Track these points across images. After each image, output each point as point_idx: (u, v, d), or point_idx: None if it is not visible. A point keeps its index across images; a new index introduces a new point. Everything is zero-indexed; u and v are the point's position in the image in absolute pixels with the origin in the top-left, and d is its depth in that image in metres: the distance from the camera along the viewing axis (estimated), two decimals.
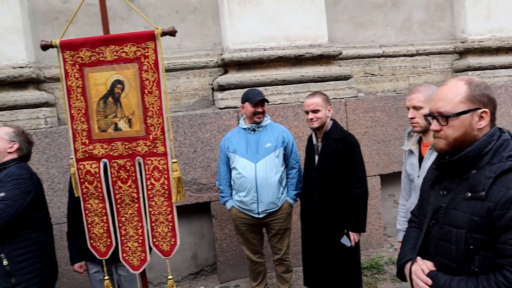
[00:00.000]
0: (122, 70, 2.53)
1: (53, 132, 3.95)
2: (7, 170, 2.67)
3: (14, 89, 4.00)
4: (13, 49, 4.02)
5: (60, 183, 3.96)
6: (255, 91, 3.66)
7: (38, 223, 2.74)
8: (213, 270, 4.78)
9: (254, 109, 3.58)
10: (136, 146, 2.57)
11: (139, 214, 2.66)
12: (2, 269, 2.56)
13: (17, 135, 2.80)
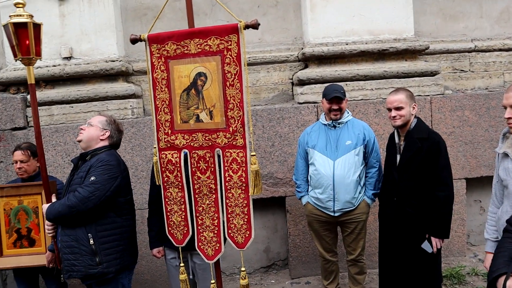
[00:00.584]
0: (205, 62, 2.58)
1: (138, 123, 4.15)
2: (98, 156, 2.83)
3: (106, 81, 4.26)
4: (106, 44, 4.27)
5: (144, 171, 4.15)
6: (333, 87, 3.57)
7: (123, 208, 2.88)
8: (285, 265, 4.77)
9: (329, 106, 3.51)
10: (216, 138, 2.60)
11: (216, 205, 2.71)
12: (88, 248, 2.73)
13: (109, 123, 2.96)
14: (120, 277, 2.87)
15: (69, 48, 4.25)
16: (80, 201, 2.64)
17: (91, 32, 4.28)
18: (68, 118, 4.20)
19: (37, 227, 3.26)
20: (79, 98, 4.17)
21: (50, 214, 2.72)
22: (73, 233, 2.74)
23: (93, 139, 2.90)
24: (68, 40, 4.28)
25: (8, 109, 4.14)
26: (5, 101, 4.15)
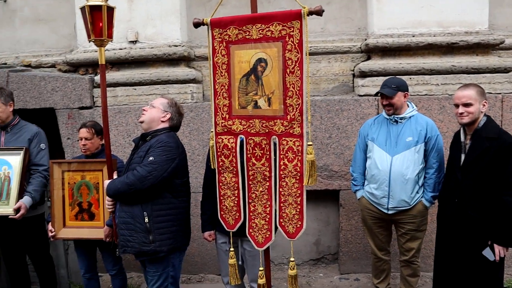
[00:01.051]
0: (266, 48, 2.55)
1: (197, 107, 4.22)
2: (158, 137, 2.90)
3: (168, 65, 4.36)
4: (170, 29, 4.37)
5: (200, 155, 4.22)
6: (386, 81, 3.45)
7: (179, 189, 2.93)
8: (334, 260, 4.70)
9: (381, 100, 3.39)
10: (273, 125, 2.58)
11: (269, 193, 2.69)
12: (143, 225, 2.81)
13: (170, 106, 3.03)
14: (172, 257, 2.95)
15: (135, 32, 4.38)
16: (138, 179, 2.72)
17: (156, 17, 4.39)
18: (131, 100, 4.34)
19: (97, 202, 3.40)
20: (142, 81, 4.30)
21: (110, 190, 2.83)
22: (130, 210, 2.83)
23: (154, 121, 2.97)
24: (134, 24, 4.42)
25: (77, 89, 4.35)
26: (75, 81, 4.35)
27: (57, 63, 4.67)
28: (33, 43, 4.88)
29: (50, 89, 4.37)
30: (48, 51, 4.83)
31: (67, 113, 4.36)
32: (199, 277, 4.50)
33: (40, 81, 4.39)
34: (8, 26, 4.91)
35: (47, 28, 4.85)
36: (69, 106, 4.36)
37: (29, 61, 4.73)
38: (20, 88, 4.36)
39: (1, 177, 3.42)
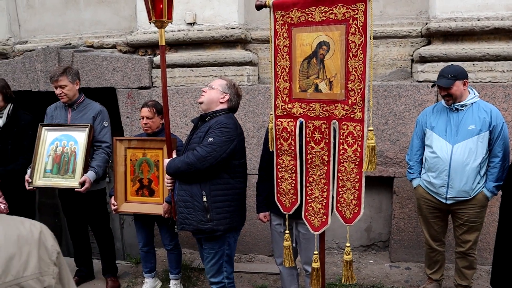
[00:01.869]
0: (329, 31, 2.52)
1: (253, 90, 4.24)
2: (217, 118, 2.94)
3: (225, 47, 4.40)
4: (227, 11, 4.38)
5: (254, 137, 4.26)
6: (443, 70, 3.32)
7: (236, 170, 2.98)
8: (385, 247, 4.65)
9: (439, 91, 3.28)
10: (333, 109, 2.56)
11: (327, 177, 2.69)
12: (201, 204, 2.89)
13: (229, 87, 3.06)
14: (228, 236, 3.01)
15: (193, 14, 4.44)
16: (198, 159, 2.78)
17: None
18: (188, 81, 4.43)
19: (157, 179, 3.53)
20: (199, 62, 4.37)
21: (170, 169, 2.92)
22: (188, 189, 2.91)
23: (213, 102, 3.01)
24: (193, 6, 4.47)
25: (136, 69, 4.48)
26: (134, 62, 4.49)
27: (117, 44, 4.82)
28: (96, 25, 5.06)
29: (111, 69, 4.53)
30: (110, 32, 4.99)
31: (126, 93, 4.51)
32: (249, 257, 4.58)
33: (102, 61, 4.55)
34: (73, 8, 5.11)
35: (109, 10, 5.01)
36: (129, 86, 4.51)
37: (91, 42, 4.92)
38: (84, 67, 4.55)
39: (68, 152, 3.61)
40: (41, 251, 1.08)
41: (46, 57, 4.66)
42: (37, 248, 1.07)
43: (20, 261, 1.02)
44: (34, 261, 1.05)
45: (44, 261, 1.07)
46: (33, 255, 1.05)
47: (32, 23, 5.31)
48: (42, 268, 1.06)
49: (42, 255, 1.07)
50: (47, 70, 4.64)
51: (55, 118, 3.76)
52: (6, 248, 1.01)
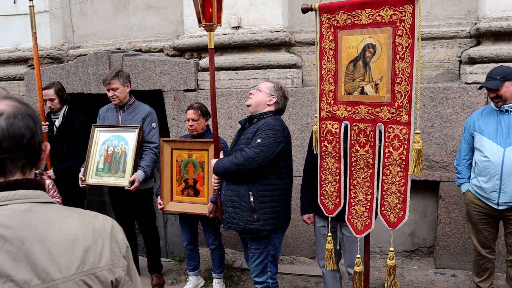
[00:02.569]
0: (376, 34, 2.52)
1: (297, 92, 4.27)
2: (265, 120, 2.99)
3: (269, 50, 4.44)
4: (272, 14, 4.43)
5: (298, 139, 4.28)
6: (492, 72, 3.22)
7: (283, 172, 3.02)
8: (430, 253, 4.55)
9: (488, 93, 3.18)
10: (379, 112, 2.55)
11: (371, 180, 2.68)
12: (248, 204, 2.94)
13: (276, 90, 3.10)
14: (273, 237, 3.05)
15: (238, 18, 4.52)
16: (246, 160, 2.84)
17: (259, 2, 4.48)
18: (233, 84, 4.51)
19: (202, 179, 3.62)
20: (244, 65, 4.44)
21: (218, 169, 2.99)
22: (236, 189, 2.98)
23: (261, 104, 3.06)
24: (238, 10, 4.55)
25: (183, 72, 4.61)
26: (181, 65, 4.62)
27: (164, 48, 4.97)
28: (144, 30, 5.24)
29: (159, 72, 4.68)
30: (157, 36, 5.16)
31: (173, 95, 4.65)
32: (290, 259, 4.60)
33: (150, 65, 4.71)
34: (122, 14, 5.32)
35: (156, 15, 5.17)
36: (175, 88, 4.64)
37: (140, 46, 5.09)
38: (133, 71, 4.72)
39: (119, 152, 3.76)
40: (113, 244, 1.15)
41: (97, 61, 4.88)
42: (110, 241, 1.14)
43: (95, 252, 1.10)
44: (107, 253, 1.12)
45: (115, 253, 1.15)
46: (106, 247, 1.13)
47: (84, 29, 5.56)
48: (113, 260, 1.14)
49: (114, 248, 1.15)
50: (99, 73, 4.86)
51: (107, 119, 3.93)
52: (83, 240, 1.09)
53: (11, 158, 1.07)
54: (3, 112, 1.07)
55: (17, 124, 1.07)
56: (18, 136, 1.07)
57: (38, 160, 1.14)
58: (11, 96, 1.14)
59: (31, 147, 1.10)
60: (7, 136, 1.05)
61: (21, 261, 1.00)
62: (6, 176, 1.08)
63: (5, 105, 1.09)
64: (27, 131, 1.09)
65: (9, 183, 1.07)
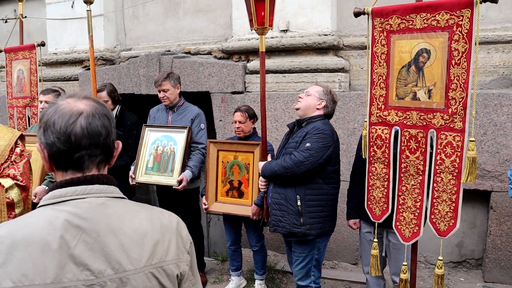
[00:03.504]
0: (430, 38, 2.48)
1: (345, 96, 4.24)
2: (314, 124, 2.99)
3: (317, 54, 4.44)
4: (320, 18, 4.43)
5: (344, 143, 4.24)
6: None
7: (331, 176, 3.01)
8: (478, 265, 4.38)
9: None
10: (432, 118, 2.51)
11: (421, 187, 2.63)
12: (295, 208, 2.95)
13: (325, 94, 3.09)
14: (318, 241, 3.05)
15: (287, 22, 4.54)
16: (295, 164, 2.85)
17: (307, 6, 4.48)
18: (280, 87, 4.53)
19: (246, 181, 3.66)
20: (292, 68, 4.45)
21: (266, 171, 3.02)
22: (283, 192, 2.99)
23: (310, 108, 3.07)
24: (286, 14, 4.57)
25: (231, 75, 4.68)
26: (229, 67, 4.69)
27: (213, 50, 5.06)
28: (193, 32, 5.36)
29: (207, 74, 4.77)
30: (205, 39, 5.26)
31: (220, 97, 4.73)
32: (332, 264, 4.57)
33: (199, 67, 4.81)
34: (173, 17, 5.46)
35: (205, 18, 5.28)
36: (223, 90, 4.72)
37: (189, 49, 5.21)
38: (182, 73, 4.83)
39: (168, 152, 3.87)
40: (178, 239, 1.20)
41: (148, 63, 5.03)
42: (176, 236, 1.19)
43: (163, 246, 1.15)
44: (174, 248, 1.17)
45: (180, 248, 1.20)
46: (173, 242, 1.18)
47: (136, 31, 5.75)
48: (179, 255, 1.19)
49: (179, 243, 1.20)
50: (149, 75, 5.01)
51: (157, 119, 4.05)
52: (152, 234, 1.15)
53: (89, 155, 1.14)
54: (82, 111, 1.14)
55: (95, 123, 1.14)
56: (96, 134, 1.14)
57: (111, 157, 1.21)
58: (89, 96, 1.21)
59: (106, 145, 1.17)
60: (86, 135, 1.12)
61: (96, 251, 1.06)
62: (84, 172, 1.15)
63: (84, 104, 1.16)
64: (104, 130, 1.15)
65: (86, 178, 1.14)
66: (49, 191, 1.14)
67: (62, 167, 1.15)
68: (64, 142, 1.11)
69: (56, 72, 5.94)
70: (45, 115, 1.17)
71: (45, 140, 1.14)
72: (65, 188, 1.12)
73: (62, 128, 1.12)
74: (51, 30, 6.03)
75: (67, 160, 1.14)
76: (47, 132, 1.14)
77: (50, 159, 1.16)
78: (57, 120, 1.13)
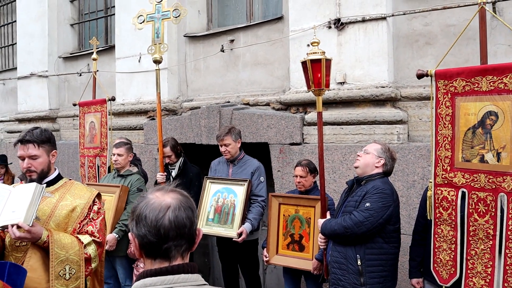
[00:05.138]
0: (497, 101, 2.46)
1: (403, 148, 4.21)
2: (373, 182, 3.01)
3: (374, 106, 4.47)
4: (377, 70, 4.48)
5: (403, 196, 4.17)
6: None
7: (391, 235, 2.99)
8: None
9: None
10: (501, 182, 2.45)
11: (491, 252, 2.55)
12: (355, 267, 2.93)
13: (384, 151, 3.12)
14: None
15: (343, 74, 4.63)
16: (355, 224, 2.86)
17: (364, 59, 4.56)
18: (338, 139, 4.57)
19: (307, 235, 3.68)
20: (349, 121, 4.49)
21: (326, 230, 3.04)
22: (343, 251, 2.99)
23: (369, 166, 3.09)
24: (343, 66, 4.66)
25: (289, 126, 4.78)
26: (287, 119, 4.80)
27: (271, 102, 5.21)
28: (252, 84, 5.56)
29: (266, 125, 4.90)
30: (264, 91, 5.44)
31: (279, 148, 4.82)
32: None
33: (258, 119, 4.96)
34: (233, 69, 5.71)
35: (264, 71, 5.47)
36: (281, 141, 4.82)
37: (247, 100, 5.40)
38: (241, 124, 5.00)
39: (228, 204, 3.98)
40: None
41: (209, 114, 5.25)
42: None
43: None
44: None
45: None
46: None
47: (197, 83, 6.05)
48: None
49: None
50: (210, 126, 5.22)
51: (218, 172, 4.19)
52: None
53: (175, 245, 1.25)
54: (170, 205, 1.26)
55: (181, 216, 1.26)
56: (182, 226, 1.25)
57: (194, 244, 1.31)
58: (175, 189, 1.33)
59: (190, 235, 1.28)
60: (173, 227, 1.24)
61: None
62: (170, 261, 1.26)
63: (171, 198, 1.28)
64: (188, 221, 1.27)
65: (173, 267, 1.25)
66: (140, 279, 1.25)
67: (151, 256, 1.27)
68: (154, 234, 1.24)
69: (123, 121, 6.31)
70: (137, 208, 1.30)
71: (137, 231, 1.27)
72: (155, 277, 1.23)
73: (152, 222, 1.24)
74: (119, 82, 6.47)
75: (156, 250, 1.25)
76: (139, 225, 1.27)
77: (140, 248, 1.28)
78: (148, 214, 1.25)
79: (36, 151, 2.47)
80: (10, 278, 1.96)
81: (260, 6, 5.87)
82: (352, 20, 4.62)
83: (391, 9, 4.52)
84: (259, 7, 5.87)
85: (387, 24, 4.47)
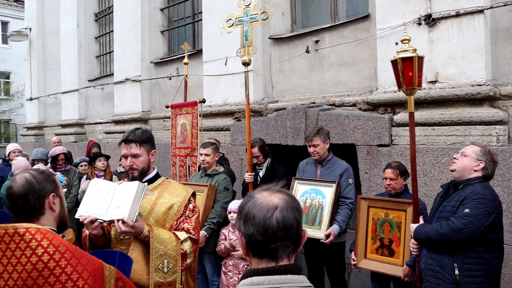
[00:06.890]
0: None
1: (504, 151, 3.94)
2: (473, 187, 2.85)
3: (469, 105, 4.23)
4: (473, 67, 4.23)
5: (504, 203, 3.89)
6: None
7: (493, 245, 2.81)
8: None
9: None
10: None
11: None
12: (452, 277, 2.79)
13: (484, 154, 2.94)
14: None
15: (435, 73, 4.43)
16: (453, 231, 2.73)
17: (458, 56, 4.33)
18: (429, 140, 4.39)
19: (398, 240, 3.58)
20: (442, 121, 4.30)
21: (419, 235, 2.94)
22: (438, 259, 2.87)
23: (467, 169, 2.93)
24: (434, 64, 4.47)
25: (376, 127, 4.68)
26: (375, 120, 4.70)
27: (357, 103, 5.14)
28: (337, 84, 5.51)
29: (353, 126, 4.84)
30: (350, 91, 5.37)
31: (366, 150, 4.74)
32: None
33: (344, 120, 4.91)
34: (318, 70, 5.71)
35: (350, 71, 5.41)
36: (369, 143, 4.73)
37: (333, 101, 5.37)
38: (327, 125, 4.98)
39: (316, 205, 4.00)
40: None
41: (295, 115, 5.30)
42: None
43: None
44: None
45: None
46: None
47: (282, 85, 6.13)
48: None
49: None
50: (295, 127, 5.26)
51: (306, 173, 4.23)
52: None
53: (282, 246, 1.29)
54: (277, 205, 1.30)
55: (288, 216, 1.29)
56: (289, 227, 1.29)
57: (299, 245, 1.34)
58: (281, 190, 1.38)
59: (297, 236, 1.31)
60: (281, 228, 1.28)
61: None
62: (277, 261, 1.30)
63: (278, 198, 1.32)
64: (295, 222, 1.30)
65: (280, 268, 1.28)
66: (246, 277, 1.30)
67: (258, 255, 1.31)
68: (262, 234, 1.28)
69: (210, 122, 6.57)
70: (244, 207, 1.35)
71: (244, 230, 1.32)
72: (262, 276, 1.27)
73: (260, 222, 1.28)
74: (207, 85, 6.74)
75: (264, 250, 1.29)
76: (247, 224, 1.31)
77: (247, 246, 1.33)
78: (256, 213, 1.30)
79: (138, 150, 2.65)
80: (119, 266, 2.12)
81: (345, 5, 5.80)
82: (444, 15, 4.42)
83: (489, 1, 4.25)
84: (343, 6, 5.81)
85: (484, 17, 4.22)
